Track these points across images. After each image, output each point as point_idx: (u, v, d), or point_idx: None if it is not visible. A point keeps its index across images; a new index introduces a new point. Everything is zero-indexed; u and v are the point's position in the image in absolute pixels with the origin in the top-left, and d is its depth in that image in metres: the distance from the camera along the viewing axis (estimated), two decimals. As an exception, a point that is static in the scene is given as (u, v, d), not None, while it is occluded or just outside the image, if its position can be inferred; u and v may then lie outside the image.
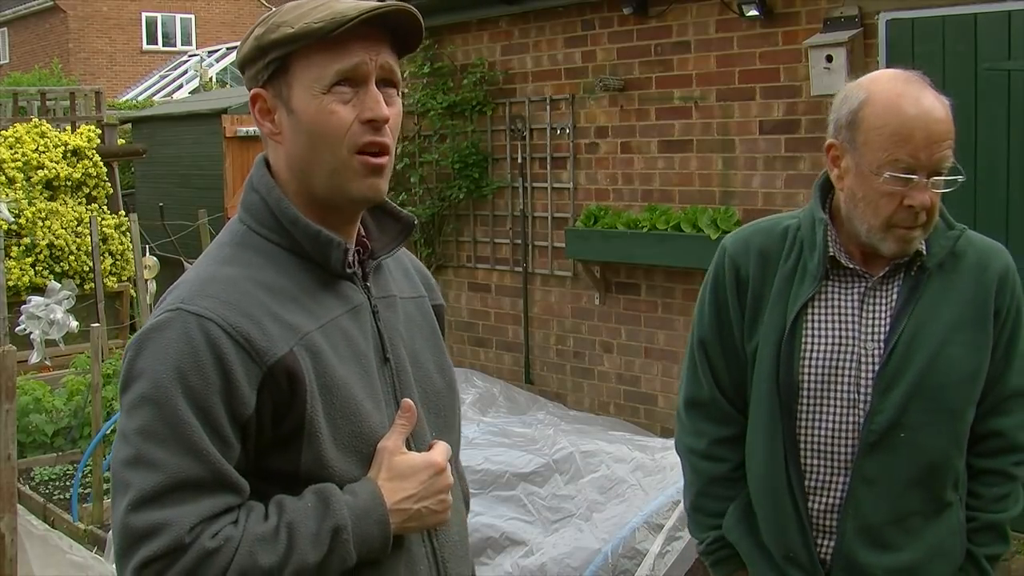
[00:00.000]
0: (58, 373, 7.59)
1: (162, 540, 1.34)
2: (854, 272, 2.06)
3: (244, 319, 1.42)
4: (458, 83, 7.20)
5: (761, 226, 2.20)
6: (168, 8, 26.27)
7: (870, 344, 2.03)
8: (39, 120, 10.21)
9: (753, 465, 2.14)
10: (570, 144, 6.69)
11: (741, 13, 5.62)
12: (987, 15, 4.86)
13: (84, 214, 9.75)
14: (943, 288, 2.03)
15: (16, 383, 3.41)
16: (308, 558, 1.40)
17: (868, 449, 2.01)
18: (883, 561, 2.03)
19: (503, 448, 4.57)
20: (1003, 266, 2.08)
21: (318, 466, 1.45)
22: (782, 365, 2.05)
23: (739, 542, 2.17)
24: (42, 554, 3.43)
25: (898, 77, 2.00)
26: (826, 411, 2.04)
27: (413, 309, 1.69)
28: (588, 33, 6.55)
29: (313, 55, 1.48)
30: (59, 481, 6.15)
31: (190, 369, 1.38)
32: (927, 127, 1.91)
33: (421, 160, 7.42)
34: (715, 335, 2.17)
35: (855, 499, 2.02)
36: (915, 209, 1.94)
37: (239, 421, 1.41)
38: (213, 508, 1.38)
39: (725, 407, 2.17)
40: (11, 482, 3.33)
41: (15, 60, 26.80)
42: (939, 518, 2.06)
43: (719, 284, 2.16)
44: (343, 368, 1.49)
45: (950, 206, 2.10)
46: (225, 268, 1.49)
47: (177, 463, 1.36)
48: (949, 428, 2.03)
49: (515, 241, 7.08)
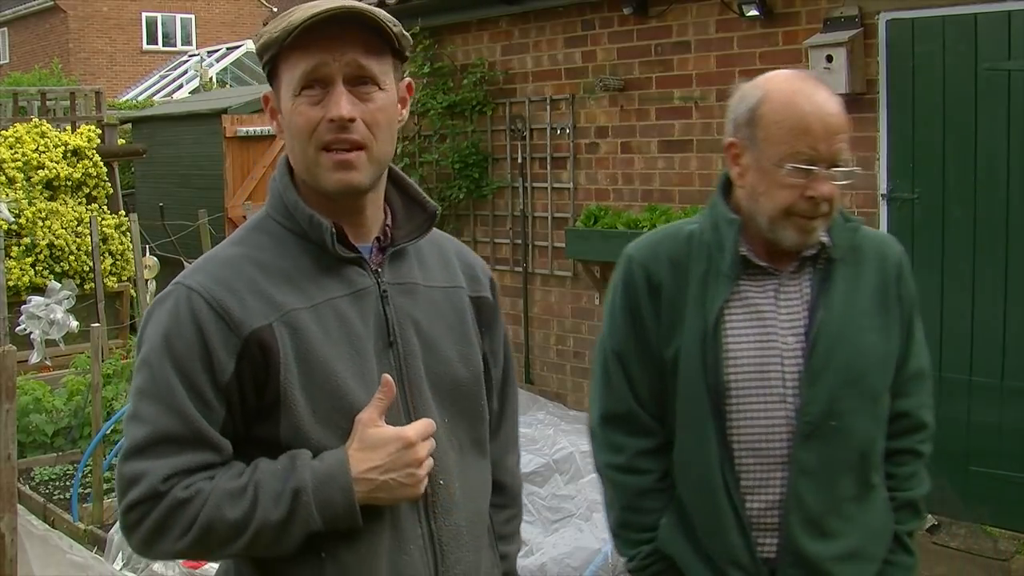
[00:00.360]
0: (58, 373, 7.59)
1: (141, 488, 1.50)
2: (765, 270, 2.09)
3: (227, 293, 1.54)
4: (458, 83, 7.20)
5: (665, 233, 2.21)
6: (168, 8, 26.27)
7: (790, 339, 2.06)
8: (39, 120, 10.20)
9: (686, 472, 2.12)
10: (570, 144, 6.69)
11: (741, 13, 5.62)
12: (987, 15, 4.86)
13: (84, 214, 9.75)
14: (851, 278, 2.09)
15: (16, 383, 3.41)
16: (270, 516, 1.50)
17: (803, 441, 2.03)
18: (829, 550, 2.05)
19: (503, 448, 4.57)
20: (899, 255, 2.18)
21: (295, 436, 1.54)
22: (708, 368, 2.05)
23: (679, 553, 2.14)
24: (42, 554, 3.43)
25: (792, 76, 2.09)
26: (757, 409, 2.05)
27: (441, 298, 1.72)
28: (588, 33, 6.55)
29: (289, 59, 1.58)
30: (59, 481, 6.14)
31: (175, 336, 1.53)
32: (824, 120, 1.99)
33: (421, 160, 7.42)
34: (631, 345, 2.15)
35: (796, 492, 2.04)
36: (817, 200, 1.99)
37: (219, 386, 1.52)
38: (189, 463, 1.51)
39: (644, 418, 2.15)
40: (11, 482, 3.32)
41: (15, 60, 26.79)
42: (869, 501, 2.12)
43: (631, 293, 2.14)
44: (329, 346, 1.56)
45: (951, 203, 2.12)
46: (229, 248, 1.64)
47: (162, 420, 1.51)
48: (873, 412, 2.10)
49: (515, 241, 7.08)
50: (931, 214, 5.09)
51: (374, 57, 1.58)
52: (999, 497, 4.92)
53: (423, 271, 1.71)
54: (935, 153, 5.07)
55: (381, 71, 1.59)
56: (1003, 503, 4.91)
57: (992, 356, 4.98)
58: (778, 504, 2.05)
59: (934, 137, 5.07)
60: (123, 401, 6.52)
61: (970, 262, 5.01)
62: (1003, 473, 4.94)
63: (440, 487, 1.65)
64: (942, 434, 5.59)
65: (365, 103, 1.58)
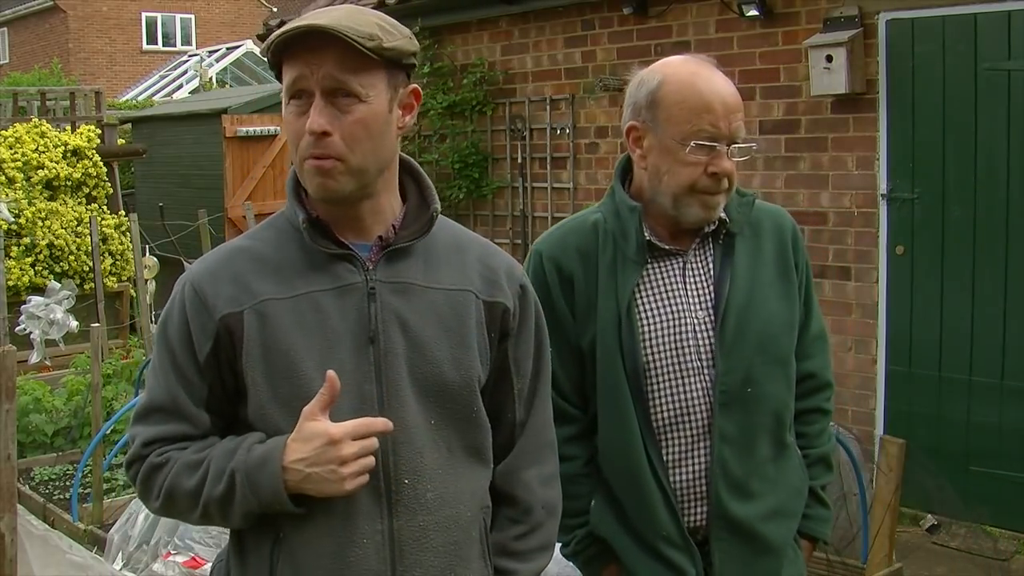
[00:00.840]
0: (58, 373, 7.58)
1: (132, 449, 1.70)
2: (669, 252, 2.18)
3: (210, 280, 1.67)
4: (458, 83, 7.20)
5: (569, 225, 2.27)
6: (168, 8, 26.26)
7: (700, 313, 2.15)
8: (39, 120, 10.20)
9: (610, 454, 2.19)
10: (570, 144, 6.69)
11: (741, 13, 5.62)
12: (987, 15, 4.86)
13: (84, 214, 9.74)
14: (751, 251, 2.19)
15: (16, 383, 3.41)
16: (214, 491, 1.62)
17: (722, 410, 2.13)
18: (755, 510, 2.16)
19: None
20: (792, 225, 2.29)
21: (260, 418, 1.65)
22: (625, 352, 2.13)
23: (610, 533, 2.20)
24: (42, 554, 3.43)
25: (689, 60, 2.17)
26: (676, 385, 2.14)
27: (441, 299, 1.71)
28: (588, 33, 6.55)
29: (284, 67, 1.66)
30: (59, 481, 6.14)
31: (172, 319, 1.69)
32: (724, 100, 2.08)
33: (421, 160, 7.42)
34: (551, 338, 2.16)
35: (721, 459, 2.13)
36: (719, 176, 2.08)
37: (199, 365, 1.66)
38: (168, 432, 1.67)
39: (564, 407, 2.20)
40: (11, 482, 3.32)
41: (15, 60, 26.78)
42: (785, 460, 2.22)
43: (541, 287, 2.17)
44: (298, 336, 1.64)
45: (951, 203, 2.13)
46: (236, 241, 1.76)
47: (154, 392, 1.69)
48: (784, 375, 2.20)
49: (515, 241, 7.08)
50: (931, 214, 5.09)
51: (351, 71, 1.61)
52: (999, 497, 4.92)
53: (427, 271, 1.71)
54: (935, 153, 5.07)
55: (363, 83, 1.62)
56: (1003, 503, 4.91)
57: (992, 356, 4.97)
58: (704, 473, 2.15)
59: (934, 137, 5.07)
60: (123, 401, 6.52)
61: (970, 262, 5.01)
62: (1003, 473, 4.94)
63: (404, 486, 1.65)
64: (942, 434, 5.64)
65: (344, 115, 1.62)
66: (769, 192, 5.59)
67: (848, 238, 5.41)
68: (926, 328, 5.19)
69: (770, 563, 2.20)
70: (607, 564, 2.25)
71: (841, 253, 5.44)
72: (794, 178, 5.59)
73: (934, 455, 4.88)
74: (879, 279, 5.32)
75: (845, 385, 5.41)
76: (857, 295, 5.39)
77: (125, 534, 4.49)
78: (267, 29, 8.90)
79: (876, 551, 3.83)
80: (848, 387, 5.41)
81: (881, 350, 5.34)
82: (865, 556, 3.95)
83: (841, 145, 5.40)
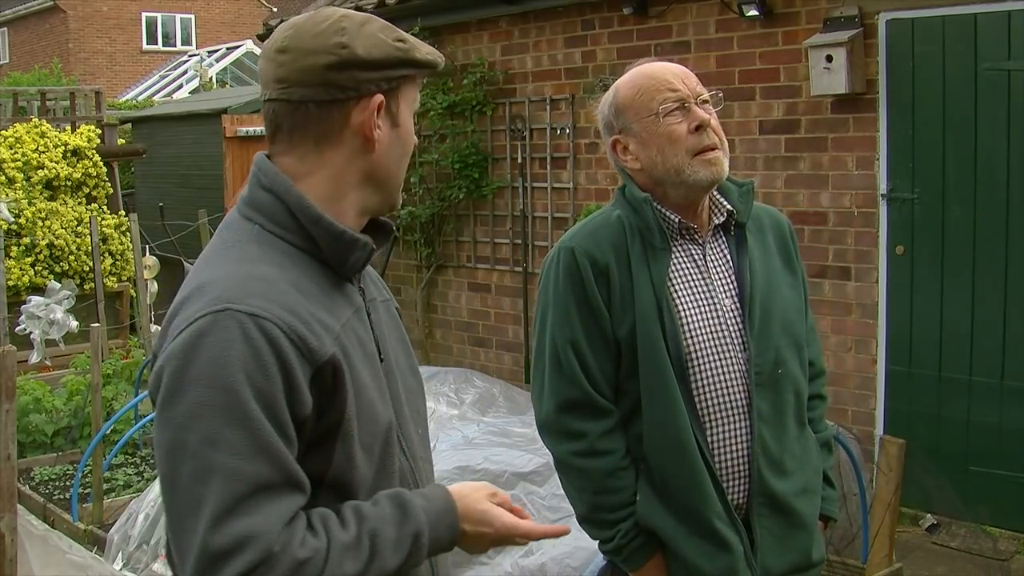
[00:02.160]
0: (58, 373, 7.58)
1: (252, 552, 1.30)
2: (690, 237, 2.25)
3: (295, 319, 1.40)
4: (458, 83, 7.20)
5: (597, 221, 2.31)
6: (168, 8, 26.25)
7: (726, 301, 2.23)
8: (39, 120, 10.19)
9: (659, 439, 2.20)
10: (570, 144, 6.69)
11: (741, 13, 5.62)
12: (987, 15, 4.86)
13: (84, 214, 9.74)
14: (759, 243, 2.29)
15: (16, 383, 3.41)
16: (388, 564, 1.41)
17: (758, 390, 2.20)
18: (790, 486, 2.24)
19: (503, 448, 4.57)
20: (787, 221, 2.42)
21: (348, 465, 1.45)
22: (668, 337, 2.17)
23: (659, 523, 2.22)
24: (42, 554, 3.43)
25: (634, 65, 2.31)
26: (716, 366, 2.20)
27: (385, 311, 1.71)
28: (588, 33, 6.55)
29: (416, 80, 1.62)
30: (59, 481, 6.14)
31: (255, 370, 1.35)
32: (671, 70, 2.22)
33: (421, 160, 7.41)
34: (585, 333, 2.22)
35: (760, 437, 2.20)
36: (702, 127, 2.17)
37: (298, 420, 1.39)
38: (290, 510, 1.35)
39: (600, 402, 2.23)
40: (11, 482, 3.32)
41: (15, 60, 26.78)
42: (805, 439, 2.32)
43: (577, 282, 2.22)
44: (362, 367, 1.50)
45: (951, 203, 2.15)
46: (259, 266, 1.46)
47: (253, 469, 1.32)
48: (800, 359, 2.29)
49: (515, 241, 7.08)
50: (931, 214, 5.09)
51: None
52: (999, 497, 4.92)
53: (374, 287, 1.70)
54: (935, 153, 5.07)
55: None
56: (1003, 503, 4.91)
57: (992, 356, 4.97)
58: (746, 452, 2.21)
59: (934, 137, 5.07)
60: (123, 401, 6.53)
61: (970, 262, 5.01)
62: (1003, 473, 4.94)
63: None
64: (942, 434, 5.63)
65: None
66: (769, 192, 5.59)
67: (848, 238, 5.41)
68: (926, 328, 5.18)
69: (803, 537, 2.27)
70: (653, 555, 2.26)
71: (841, 253, 5.44)
72: (794, 178, 5.59)
73: (934, 455, 4.88)
74: (879, 279, 5.32)
75: (845, 385, 5.41)
76: (857, 295, 5.39)
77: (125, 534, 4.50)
78: (267, 29, 8.90)
79: (876, 551, 3.83)
80: (848, 387, 5.41)
81: (881, 350, 5.34)
82: (865, 556, 3.95)
83: (841, 145, 5.40)
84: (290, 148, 1.55)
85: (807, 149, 5.52)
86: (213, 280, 1.44)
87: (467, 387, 6.22)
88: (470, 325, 7.52)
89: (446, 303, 7.70)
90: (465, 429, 4.98)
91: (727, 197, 2.28)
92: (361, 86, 1.53)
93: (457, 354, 7.59)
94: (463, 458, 4.39)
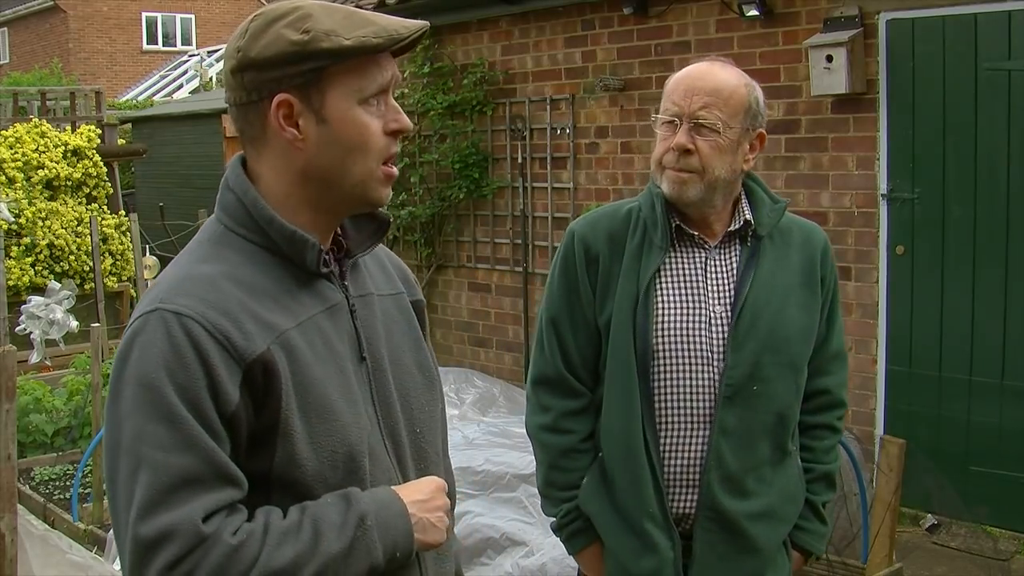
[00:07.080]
0: (58, 373, 7.58)
1: (179, 543, 1.32)
2: (694, 241, 2.25)
3: (223, 317, 1.41)
4: (458, 83, 7.20)
5: (605, 211, 2.36)
6: (168, 8, 26.25)
7: (717, 307, 2.21)
8: (39, 120, 10.20)
9: (610, 429, 2.24)
10: (570, 144, 6.69)
11: (741, 13, 5.62)
12: (987, 15, 4.86)
13: (84, 214, 9.75)
14: (777, 257, 2.25)
15: (16, 383, 3.41)
16: (333, 547, 1.40)
17: (726, 403, 2.16)
18: (743, 507, 2.19)
19: (504, 449, 4.58)
20: (824, 240, 2.36)
21: (290, 464, 1.44)
22: (638, 331, 2.19)
23: (597, 511, 2.26)
24: (42, 554, 3.43)
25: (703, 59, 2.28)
26: (682, 371, 2.19)
27: (391, 306, 1.68)
28: (588, 33, 6.55)
29: (354, 67, 1.48)
30: (59, 481, 6.14)
31: (177, 367, 1.37)
32: (691, 82, 2.17)
33: (421, 160, 7.42)
34: (566, 312, 2.28)
35: (717, 451, 2.17)
36: (674, 149, 2.16)
37: (224, 416, 1.39)
38: (219, 502, 1.36)
39: (571, 382, 2.28)
40: (11, 482, 3.33)
41: (15, 60, 26.78)
42: (783, 466, 2.25)
43: (569, 264, 2.29)
44: (319, 366, 1.48)
45: (951, 203, 2.15)
46: (202, 266, 1.47)
47: (178, 462, 1.34)
48: (792, 381, 2.23)
49: (515, 241, 7.08)
50: (931, 214, 5.09)
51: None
52: (999, 497, 4.92)
53: (373, 281, 1.67)
54: (935, 153, 5.07)
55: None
56: (1003, 503, 4.91)
57: (992, 356, 4.97)
58: (699, 462, 2.18)
59: (934, 137, 5.07)
60: (123, 401, 6.51)
61: (970, 262, 5.01)
62: (1003, 473, 4.94)
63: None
64: (942, 434, 5.63)
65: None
66: (769, 192, 5.59)
67: (848, 238, 5.41)
68: (926, 328, 5.18)
69: (753, 563, 2.23)
70: (589, 543, 2.31)
71: (841, 253, 5.44)
72: (794, 178, 5.59)
73: (934, 455, 4.88)
74: (879, 279, 5.32)
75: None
76: (857, 295, 5.39)
77: (125, 534, 4.48)
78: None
79: (876, 551, 3.83)
80: (848, 387, 5.41)
81: (881, 350, 5.35)
82: (865, 556, 3.95)
83: (841, 145, 5.40)
84: (246, 150, 1.57)
85: (807, 149, 5.52)
86: (161, 280, 1.49)
87: (467, 387, 6.23)
88: (470, 325, 7.52)
89: (446, 303, 7.70)
90: (465, 429, 4.99)
91: (756, 208, 2.28)
92: (262, 87, 1.48)
93: (457, 354, 7.59)
94: (463, 459, 4.39)
